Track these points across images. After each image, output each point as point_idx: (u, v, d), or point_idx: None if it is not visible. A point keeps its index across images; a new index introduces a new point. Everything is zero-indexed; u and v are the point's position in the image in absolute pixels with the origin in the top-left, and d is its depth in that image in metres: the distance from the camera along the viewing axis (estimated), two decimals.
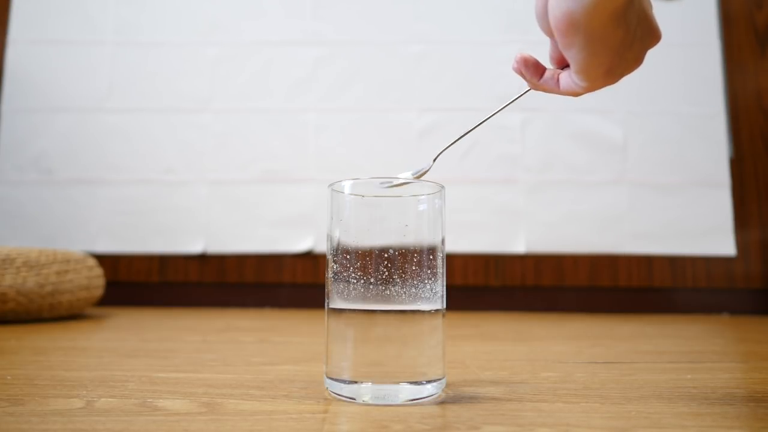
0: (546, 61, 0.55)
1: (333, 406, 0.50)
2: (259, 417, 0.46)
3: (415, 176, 0.56)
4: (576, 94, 0.53)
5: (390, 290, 0.51)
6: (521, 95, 0.56)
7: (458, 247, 1.64)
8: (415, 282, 0.51)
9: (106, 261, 1.61)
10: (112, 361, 0.74)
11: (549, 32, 0.49)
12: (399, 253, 0.51)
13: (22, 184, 1.70)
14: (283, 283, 1.66)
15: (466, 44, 1.73)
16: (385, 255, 0.51)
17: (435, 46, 1.73)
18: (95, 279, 1.35)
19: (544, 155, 1.68)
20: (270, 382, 0.60)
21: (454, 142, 0.57)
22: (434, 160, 0.57)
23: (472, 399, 0.53)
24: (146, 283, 1.68)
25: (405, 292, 0.51)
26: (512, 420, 0.45)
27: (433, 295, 0.52)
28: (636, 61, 0.48)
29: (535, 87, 0.55)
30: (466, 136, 0.58)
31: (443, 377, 0.53)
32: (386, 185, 0.53)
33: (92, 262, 1.37)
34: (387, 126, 1.70)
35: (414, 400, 0.51)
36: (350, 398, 0.51)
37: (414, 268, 0.51)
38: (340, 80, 1.73)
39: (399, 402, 0.50)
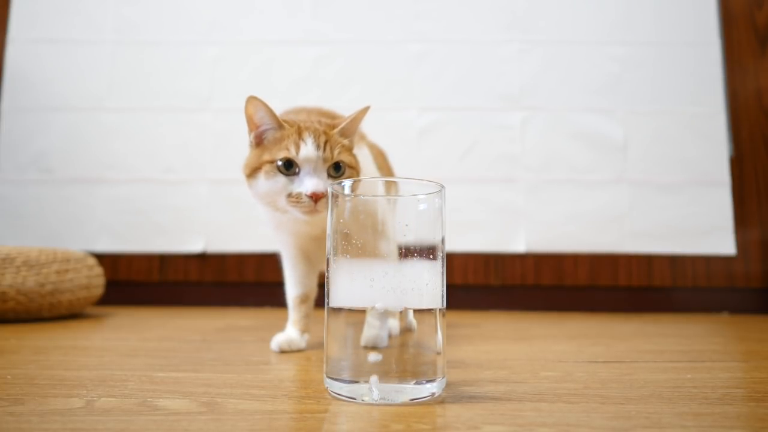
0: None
1: (333, 406, 0.50)
2: (259, 417, 0.46)
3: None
4: None
5: (390, 290, 0.51)
6: None
7: (458, 247, 1.64)
8: (415, 281, 0.51)
9: (106, 260, 1.60)
10: (112, 361, 0.74)
11: None
12: (399, 252, 0.51)
13: (22, 183, 1.70)
14: (283, 283, 1.66)
15: (467, 43, 1.73)
16: (386, 254, 0.51)
17: (435, 44, 1.73)
18: (95, 278, 1.35)
19: (544, 154, 1.68)
20: (270, 382, 0.60)
21: None
22: None
23: (472, 399, 0.53)
24: (146, 283, 1.68)
25: (405, 292, 0.51)
26: (512, 420, 0.45)
27: (433, 295, 0.52)
28: None
29: None
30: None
31: (443, 377, 0.53)
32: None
33: (92, 261, 1.37)
34: (387, 125, 1.69)
35: (414, 399, 0.51)
36: (350, 398, 0.51)
37: (414, 267, 0.51)
38: (340, 79, 1.73)
39: (399, 402, 0.50)
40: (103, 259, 1.56)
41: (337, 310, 0.52)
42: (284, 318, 0.90)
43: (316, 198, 0.69)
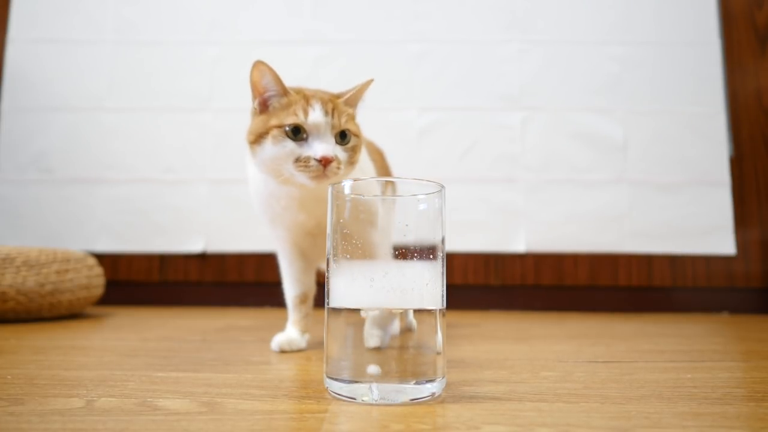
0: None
1: (333, 406, 0.50)
2: (259, 417, 0.46)
3: None
4: None
5: (390, 290, 0.51)
6: None
7: (458, 247, 1.64)
8: (415, 281, 0.51)
9: (106, 260, 1.61)
10: (112, 361, 0.74)
11: None
12: (399, 252, 0.51)
13: (22, 183, 1.70)
14: (282, 282, 1.66)
15: (467, 43, 1.73)
16: (385, 254, 0.51)
17: (435, 44, 1.73)
18: (95, 278, 1.35)
19: (544, 154, 1.68)
20: (270, 382, 0.60)
21: None
22: None
23: (472, 399, 0.53)
24: (146, 283, 1.68)
25: (405, 292, 0.51)
26: (512, 420, 0.45)
27: (433, 295, 0.52)
28: None
29: None
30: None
31: (443, 377, 0.53)
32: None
33: (92, 261, 1.37)
34: (387, 125, 1.69)
35: (414, 399, 0.51)
36: (350, 398, 0.51)
37: (414, 267, 0.51)
38: (340, 79, 1.71)
39: (399, 402, 0.50)
40: (103, 259, 1.56)
41: (337, 310, 0.52)
42: (284, 318, 0.90)
43: (325, 162, 0.69)
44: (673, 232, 1.64)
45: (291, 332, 0.85)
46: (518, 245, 1.65)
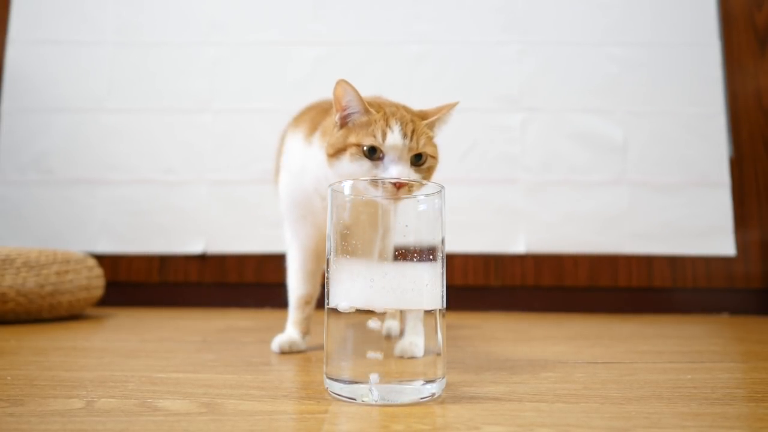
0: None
1: (333, 406, 0.50)
2: (259, 417, 0.46)
3: None
4: None
5: (390, 290, 0.51)
6: None
7: (458, 247, 1.64)
8: (415, 282, 0.51)
9: (106, 261, 1.60)
10: (112, 362, 0.74)
11: None
12: (399, 253, 0.51)
13: (22, 184, 1.70)
14: (283, 283, 1.66)
15: (466, 44, 1.73)
16: (385, 255, 0.51)
17: (435, 45, 1.73)
18: (95, 279, 1.35)
19: (544, 155, 1.68)
20: (270, 383, 0.60)
21: None
22: None
23: (472, 399, 0.53)
24: (146, 283, 1.68)
25: (405, 292, 0.51)
26: (512, 420, 0.45)
27: (433, 295, 0.52)
28: None
29: None
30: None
31: (443, 377, 0.53)
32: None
33: (92, 262, 1.37)
34: None
35: (414, 400, 0.51)
36: (350, 398, 0.51)
37: (414, 268, 0.51)
38: None
39: (399, 402, 0.50)
40: (103, 260, 1.56)
41: (337, 311, 0.52)
42: (284, 319, 0.90)
43: (399, 186, 0.68)
44: (673, 233, 1.64)
45: (292, 333, 0.85)
46: (518, 246, 1.65)
